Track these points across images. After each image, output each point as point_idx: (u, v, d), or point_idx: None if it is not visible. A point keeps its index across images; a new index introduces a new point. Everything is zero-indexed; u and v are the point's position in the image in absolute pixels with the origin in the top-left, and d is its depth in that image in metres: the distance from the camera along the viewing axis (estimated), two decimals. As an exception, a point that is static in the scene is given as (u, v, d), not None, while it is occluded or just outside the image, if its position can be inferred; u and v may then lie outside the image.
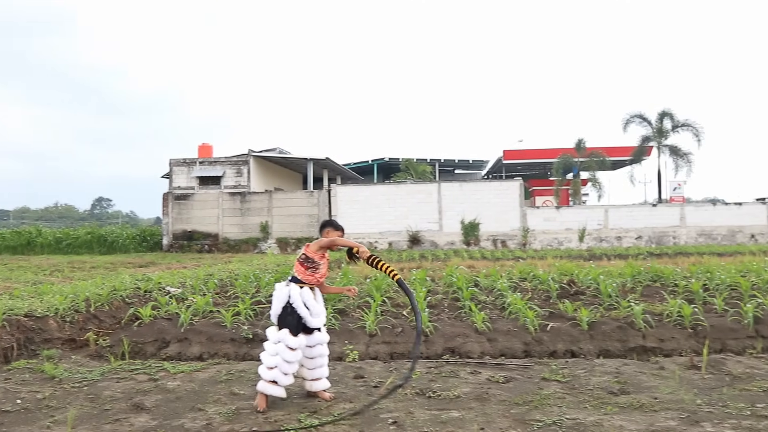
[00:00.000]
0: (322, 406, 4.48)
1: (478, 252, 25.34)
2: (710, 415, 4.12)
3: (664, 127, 34.53)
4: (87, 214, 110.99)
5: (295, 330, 4.50)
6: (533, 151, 43.20)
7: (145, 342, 7.18)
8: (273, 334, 4.55)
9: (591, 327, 7.02)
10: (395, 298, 8.62)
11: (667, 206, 32.40)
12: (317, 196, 31.52)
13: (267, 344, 4.56)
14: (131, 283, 10.06)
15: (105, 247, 31.81)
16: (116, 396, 4.89)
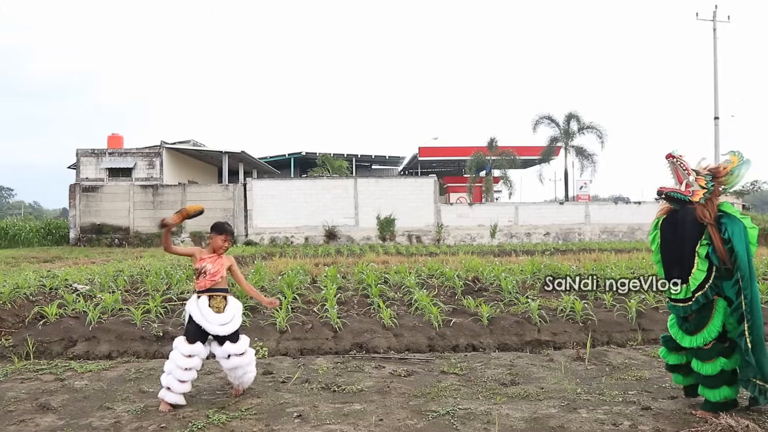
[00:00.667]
0: (231, 402, 4.65)
1: (394, 247, 25.83)
2: (587, 402, 4.56)
3: (570, 129, 36.14)
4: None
5: (192, 338, 4.63)
6: (448, 148, 44.17)
7: (51, 341, 7.08)
8: (175, 341, 4.71)
9: (491, 322, 7.46)
10: (306, 295, 8.82)
11: (573, 204, 33.94)
12: (232, 190, 31.19)
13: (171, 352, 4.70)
14: (35, 280, 9.80)
15: (6, 240, 30.32)
16: (21, 397, 4.88)
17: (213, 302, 4.70)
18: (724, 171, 4.33)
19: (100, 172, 31.48)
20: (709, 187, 4.29)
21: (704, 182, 4.30)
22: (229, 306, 4.77)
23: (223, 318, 4.68)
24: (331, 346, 6.97)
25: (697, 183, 4.31)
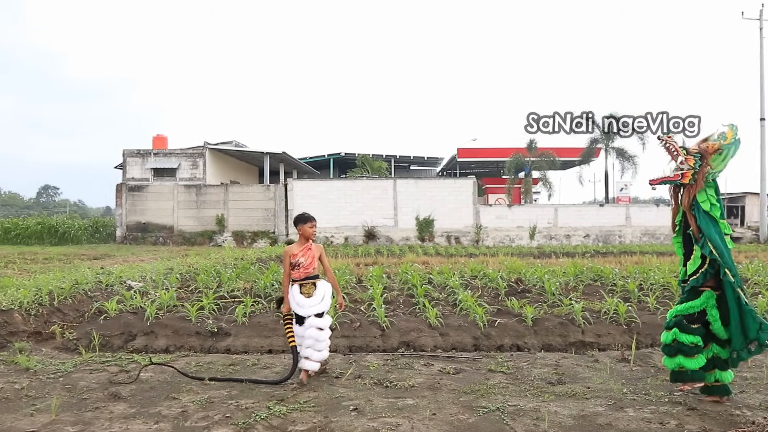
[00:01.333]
0: (289, 395, 4.88)
1: (433, 248, 25.95)
2: (633, 402, 4.67)
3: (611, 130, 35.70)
4: (32, 203, 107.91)
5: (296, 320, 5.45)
6: (486, 149, 44.07)
7: (112, 335, 7.43)
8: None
9: (535, 323, 7.57)
10: (352, 294, 9.05)
11: (613, 206, 33.61)
12: (274, 190, 31.69)
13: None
14: (93, 277, 10.23)
15: (56, 237, 31.37)
16: (92, 386, 5.19)
17: (304, 289, 5.41)
18: (712, 149, 4.47)
19: (145, 172, 32.31)
20: (696, 166, 4.43)
21: (693, 161, 4.44)
22: (317, 290, 5.43)
23: (313, 301, 5.38)
24: (378, 344, 7.17)
25: (687, 162, 4.46)
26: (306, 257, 5.44)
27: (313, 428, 4.07)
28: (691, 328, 4.57)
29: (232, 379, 5.34)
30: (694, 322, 4.58)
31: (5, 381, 5.32)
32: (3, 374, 5.58)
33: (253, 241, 30.82)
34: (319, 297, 5.41)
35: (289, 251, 5.54)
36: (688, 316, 4.60)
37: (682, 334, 4.57)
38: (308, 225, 5.61)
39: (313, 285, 5.45)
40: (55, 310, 8.28)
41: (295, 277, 5.43)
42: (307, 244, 5.56)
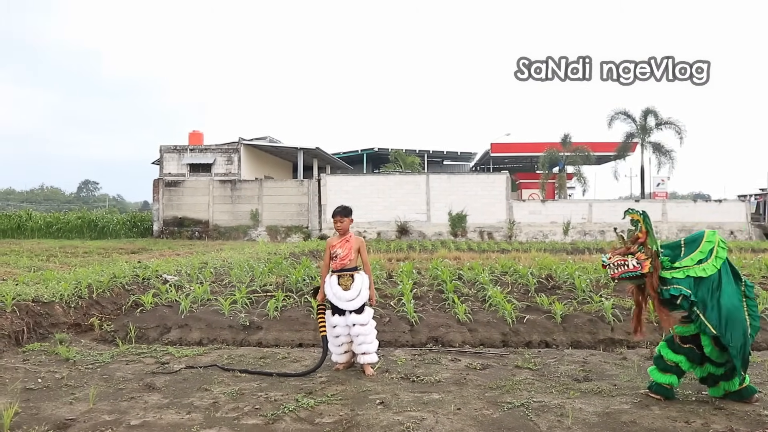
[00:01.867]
0: (317, 387, 4.99)
1: (465, 243, 25.89)
2: (659, 400, 4.66)
3: (647, 125, 35.26)
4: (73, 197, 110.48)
5: (333, 311, 5.59)
6: (520, 144, 43.80)
7: (148, 327, 7.64)
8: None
9: (564, 320, 7.56)
10: (382, 290, 9.13)
11: (649, 202, 33.12)
12: (307, 185, 31.96)
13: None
14: (130, 271, 10.50)
15: (95, 232, 32.13)
16: (128, 377, 5.38)
17: (341, 281, 5.53)
18: (643, 236, 4.64)
19: (181, 167, 32.87)
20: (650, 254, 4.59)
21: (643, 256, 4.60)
22: (355, 283, 5.52)
23: (350, 294, 5.48)
24: (407, 339, 7.24)
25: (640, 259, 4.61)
26: (343, 249, 5.57)
27: (340, 421, 4.16)
28: (680, 347, 4.64)
29: (262, 372, 5.47)
30: (685, 342, 4.64)
31: (46, 371, 5.54)
32: (44, 364, 5.81)
33: (287, 235, 31.13)
34: (356, 290, 5.50)
35: (329, 242, 5.72)
36: (681, 337, 4.66)
37: (667, 350, 4.69)
38: (333, 220, 5.77)
39: (351, 277, 5.56)
40: (94, 302, 8.52)
41: (333, 268, 5.58)
42: (346, 236, 5.67)
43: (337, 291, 5.49)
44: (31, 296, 7.80)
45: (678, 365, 4.63)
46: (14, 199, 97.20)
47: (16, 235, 31.96)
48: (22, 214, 33.90)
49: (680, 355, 4.62)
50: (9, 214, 35.03)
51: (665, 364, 4.66)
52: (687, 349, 4.62)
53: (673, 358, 4.64)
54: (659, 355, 4.74)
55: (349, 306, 5.44)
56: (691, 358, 4.64)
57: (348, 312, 5.46)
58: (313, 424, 4.12)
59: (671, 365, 4.64)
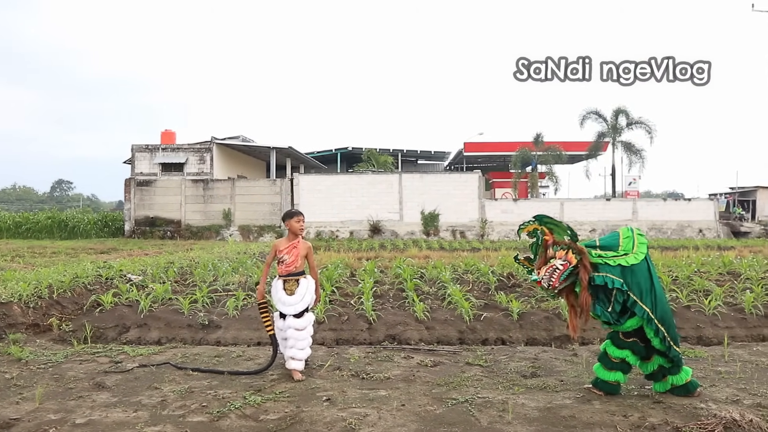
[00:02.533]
0: (267, 385, 5.04)
1: (437, 242, 26.03)
2: (601, 395, 4.77)
3: (618, 124, 35.76)
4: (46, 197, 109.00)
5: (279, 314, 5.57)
6: (493, 143, 44.11)
7: (107, 327, 7.62)
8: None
9: (521, 317, 7.68)
10: (344, 288, 9.19)
11: (620, 200, 33.56)
12: (280, 185, 31.87)
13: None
14: (93, 271, 10.42)
15: (66, 232, 31.74)
16: (79, 376, 5.37)
17: (287, 285, 5.47)
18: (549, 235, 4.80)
19: (153, 167, 32.59)
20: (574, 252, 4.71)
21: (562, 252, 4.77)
22: (299, 288, 5.46)
23: (293, 299, 5.44)
24: (365, 337, 7.30)
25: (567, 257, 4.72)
26: (290, 255, 5.46)
27: (284, 417, 4.21)
28: (623, 341, 4.74)
29: (213, 371, 5.50)
30: (629, 337, 4.74)
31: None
32: (-5, 364, 5.78)
33: (260, 235, 31.03)
34: (300, 295, 5.42)
35: (276, 245, 5.60)
36: (624, 332, 4.76)
37: (613, 348, 4.78)
38: (294, 220, 5.61)
39: (296, 282, 5.47)
40: (54, 302, 8.46)
41: (279, 272, 5.52)
42: (295, 241, 5.55)
43: (282, 296, 5.43)
44: (-13, 296, 7.74)
45: (624, 360, 4.72)
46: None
47: (-17, 235, 31.47)
48: (-10, 214, 33.41)
49: (625, 349, 4.71)
50: (-24, 214, 34.51)
51: (611, 362, 4.74)
52: (631, 342, 4.71)
53: (618, 354, 4.72)
54: (604, 353, 4.83)
55: (290, 311, 5.38)
56: (637, 351, 4.73)
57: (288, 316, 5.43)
58: (258, 421, 4.16)
59: (617, 362, 4.72)
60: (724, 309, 7.98)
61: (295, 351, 5.36)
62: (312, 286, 5.57)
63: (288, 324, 5.38)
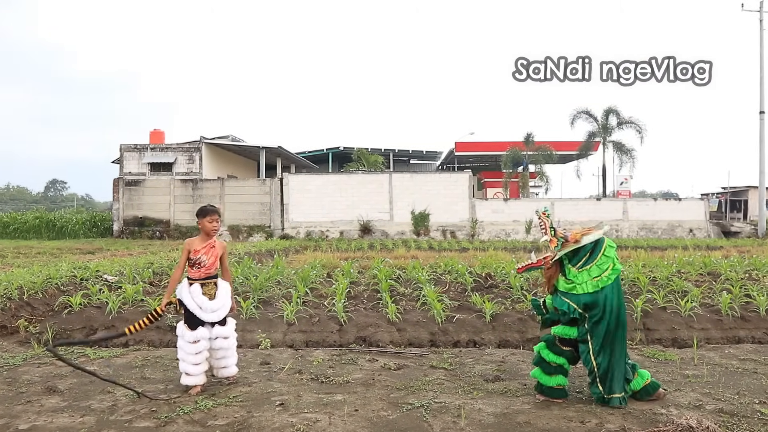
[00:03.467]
0: (222, 389, 4.93)
1: (426, 242, 25.94)
2: (567, 399, 4.68)
3: (609, 124, 35.71)
4: (40, 197, 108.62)
5: (191, 324, 4.90)
6: (484, 143, 44.02)
7: (74, 329, 7.49)
8: (178, 329, 5.01)
9: (494, 319, 7.59)
10: (319, 289, 9.08)
11: (610, 200, 33.53)
12: (269, 185, 31.75)
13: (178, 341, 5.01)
14: (68, 271, 10.30)
15: (54, 232, 31.59)
16: (34, 380, 5.26)
17: (205, 289, 4.98)
18: (573, 240, 4.74)
19: (142, 166, 32.43)
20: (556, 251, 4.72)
21: (555, 244, 4.74)
22: (219, 291, 5.05)
23: (215, 305, 4.97)
24: (335, 338, 7.21)
25: (551, 245, 4.74)
26: (209, 256, 5.01)
27: (232, 423, 4.11)
28: (561, 349, 4.67)
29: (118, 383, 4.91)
30: (566, 345, 4.67)
31: (-51, 375, 5.40)
32: (-50, 368, 5.66)
33: (249, 235, 30.91)
34: (221, 299, 5.05)
35: (190, 245, 5.04)
36: (561, 339, 4.69)
37: (548, 352, 4.70)
38: (207, 219, 5.10)
39: (215, 285, 5.06)
40: (24, 304, 8.35)
41: (194, 276, 4.99)
42: (211, 241, 5.10)
43: (203, 301, 4.91)
44: (-49, 297, 7.63)
45: (562, 366, 4.65)
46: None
47: (-30, 235, 31.29)
48: (-23, 214, 33.22)
49: (562, 357, 4.65)
50: (-37, 214, 34.33)
51: (550, 367, 4.66)
52: (568, 352, 4.66)
53: (555, 360, 4.65)
54: (540, 358, 4.73)
55: (215, 317, 4.95)
56: (573, 361, 4.69)
57: (211, 324, 4.97)
58: (205, 427, 4.06)
59: (555, 366, 4.65)
60: (699, 310, 7.91)
61: (227, 360, 5.10)
62: (229, 288, 5.18)
63: (216, 333, 4.99)
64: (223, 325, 5.06)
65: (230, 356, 5.14)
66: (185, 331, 4.92)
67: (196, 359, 4.88)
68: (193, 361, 4.86)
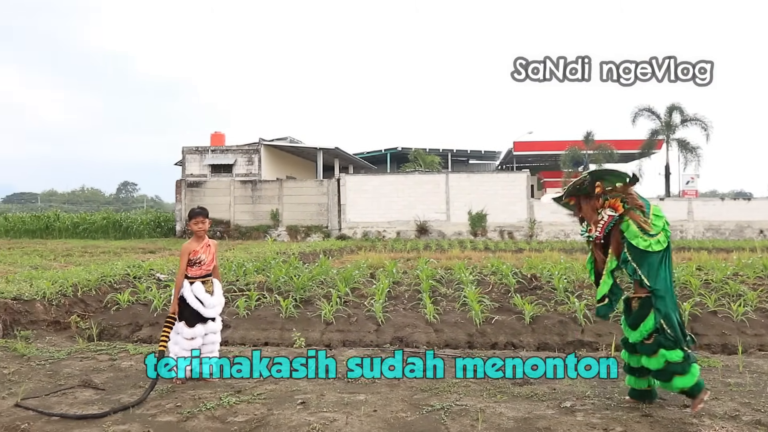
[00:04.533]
0: (248, 386, 5.00)
1: (482, 243, 25.67)
2: (590, 405, 4.53)
3: (672, 121, 34.52)
4: (112, 198, 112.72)
5: (190, 322, 5.15)
6: (543, 143, 43.27)
7: (121, 325, 7.78)
8: (175, 326, 5.21)
9: (534, 321, 7.45)
10: (360, 289, 9.11)
11: (674, 200, 32.43)
12: (327, 185, 32.07)
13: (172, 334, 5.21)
14: (122, 270, 10.67)
15: (120, 232, 32.76)
16: (74, 373, 5.46)
17: (206, 287, 5.28)
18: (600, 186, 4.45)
19: (203, 168, 33.31)
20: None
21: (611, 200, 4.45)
22: (216, 287, 5.37)
23: (215, 300, 5.32)
24: (372, 338, 7.22)
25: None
26: (207, 254, 5.28)
27: (251, 420, 4.16)
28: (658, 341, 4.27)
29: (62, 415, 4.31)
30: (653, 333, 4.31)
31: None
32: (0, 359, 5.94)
33: (307, 235, 31.29)
34: (219, 293, 5.38)
35: (188, 248, 5.25)
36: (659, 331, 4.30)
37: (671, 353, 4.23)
38: (193, 222, 5.30)
39: (211, 282, 5.35)
40: (78, 300, 8.70)
41: (195, 275, 5.23)
42: (206, 240, 5.35)
43: (206, 298, 5.20)
44: (12, 294, 8.00)
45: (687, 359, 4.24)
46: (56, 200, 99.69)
47: (45, 235, 32.77)
48: (50, 215, 34.76)
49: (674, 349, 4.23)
50: (38, 215, 35.97)
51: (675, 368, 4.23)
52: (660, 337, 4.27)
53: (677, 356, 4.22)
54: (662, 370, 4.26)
55: (214, 312, 5.28)
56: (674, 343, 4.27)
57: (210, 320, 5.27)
58: (224, 423, 4.13)
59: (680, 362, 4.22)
60: (754, 315, 7.57)
61: (216, 352, 5.39)
62: (221, 286, 5.52)
63: (208, 329, 5.25)
64: (214, 321, 5.33)
65: (214, 352, 5.38)
66: (184, 328, 5.16)
67: (188, 354, 5.14)
68: (185, 356, 5.12)
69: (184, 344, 5.12)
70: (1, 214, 38.56)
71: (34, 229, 33.34)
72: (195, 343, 5.15)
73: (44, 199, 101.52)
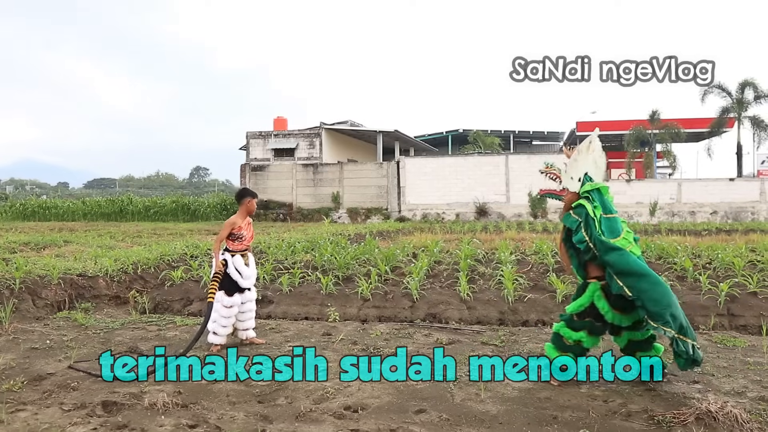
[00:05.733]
0: (274, 353, 5.37)
1: (541, 225, 25.43)
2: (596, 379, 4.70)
3: (745, 98, 33.06)
4: (185, 183, 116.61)
5: (229, 291, 5.63)
6: (606, 122, 42.16)
7: (173, 300, 8.31)
8: (216, 296, 5.65)
9: (566, 299, 7.51)
10: (401, 268, 9.37)
11: (745, 180, 31.22)
12: (386, 168, 32.39)
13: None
14: (180, 249, 11.30)
15: (188, 215, 34.13)
16: (124, 341, 5.98)
17: (244, 260, 5.84)
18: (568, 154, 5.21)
19: (266, 152, 34.21)
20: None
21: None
22: (251, 260, 5.92)
23: (250, 272, 5.87)
24: (406, 314, 7.48)
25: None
26: (248, 231, 5.92)
27: (271, 383, 4.52)
28: (579, 323, 4.60)
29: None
30: (583, 317, 4.59)
31: (58, 334, 6.26)
32: (61, 328, 6.55)
33: (367, 217, 31.75)
34: (253, 266, 5.94)
35: (233, 222, 5.82)
36: (578, 314, 4.63)
37: (567, 330, 4.64)
38: (253, 201, 6.05)
39: (248, 255, 5.92)
40: (138, 277, 9.30)
41: (235, 249, 5.77)
42: (248, 219, 6.01)
43: (245, 270, 5.76)
44: (77, 271, 8.66)
45: (579, 343, 4.59)
46: (133, 185, 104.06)
47: (119, 218, 34.52)
48: (124, 199, 36.66)
49: (580, 331, 4.58)
50: (113, 199, 37.93)
51: (563, 344, 4.63)
52: (586, 323, 4.58)
53: (573, 336, 4.59)
54: (557, 334, 4.71)
55: (249, 283, 5.81)
56: (593, 332, 4.61)
57: (246, 290, 5.80)
58: (248, 386, 4.51)
59: (571, 344, 4.61)
60: (798, 297, 7.43)
61: (252, 321, 5.93)
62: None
63: (246, 298, 5.79)
64: (250, 291, 5.87)
65: (252, 319, 5.91)
66: (224, 297, 5.65)
67: (226, 322, 5.67)
68: (223, 324, 5.65)
69: (223, 311, 5.63)
70: (80, 199, 40.75)
71: (109, 212, 35.13)
72: (232, 311, 5.67)
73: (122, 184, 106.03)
